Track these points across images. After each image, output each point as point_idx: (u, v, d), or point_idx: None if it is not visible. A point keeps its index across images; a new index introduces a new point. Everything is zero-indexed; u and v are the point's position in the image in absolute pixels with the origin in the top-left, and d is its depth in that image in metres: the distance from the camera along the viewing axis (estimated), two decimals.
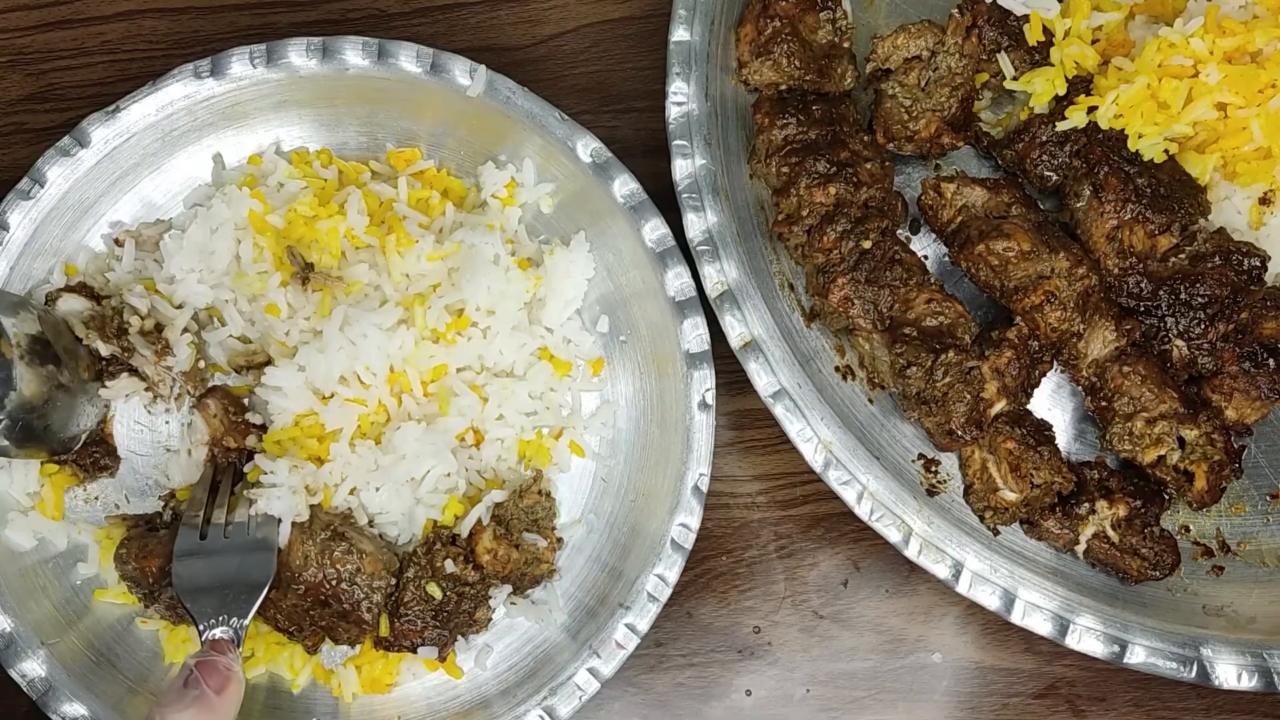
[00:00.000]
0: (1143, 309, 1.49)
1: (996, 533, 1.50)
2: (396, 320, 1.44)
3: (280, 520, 1.41)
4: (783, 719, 1.56)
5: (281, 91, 1.50)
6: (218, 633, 1.35)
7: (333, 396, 1.44)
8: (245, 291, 1.46)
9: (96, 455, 1.48)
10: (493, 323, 1.48)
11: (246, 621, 1.37)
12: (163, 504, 1.49)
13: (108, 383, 1.45)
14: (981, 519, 1.49)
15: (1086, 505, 1.48)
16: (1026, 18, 1.57)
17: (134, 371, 1.46)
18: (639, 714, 1.56)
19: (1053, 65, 1.56)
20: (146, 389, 1.47)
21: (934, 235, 1.58)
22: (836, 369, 1.53)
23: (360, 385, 1.44)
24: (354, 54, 1.47)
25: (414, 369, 1.45)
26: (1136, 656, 1.43)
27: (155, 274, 1.49)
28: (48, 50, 1.65)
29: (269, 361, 1.46)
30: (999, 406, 1.44)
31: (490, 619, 1.47)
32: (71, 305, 1.45)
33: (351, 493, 1.44)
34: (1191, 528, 1.55)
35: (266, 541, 1.41)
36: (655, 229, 1.46)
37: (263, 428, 1.47)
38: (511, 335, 1.48)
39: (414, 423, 1.44)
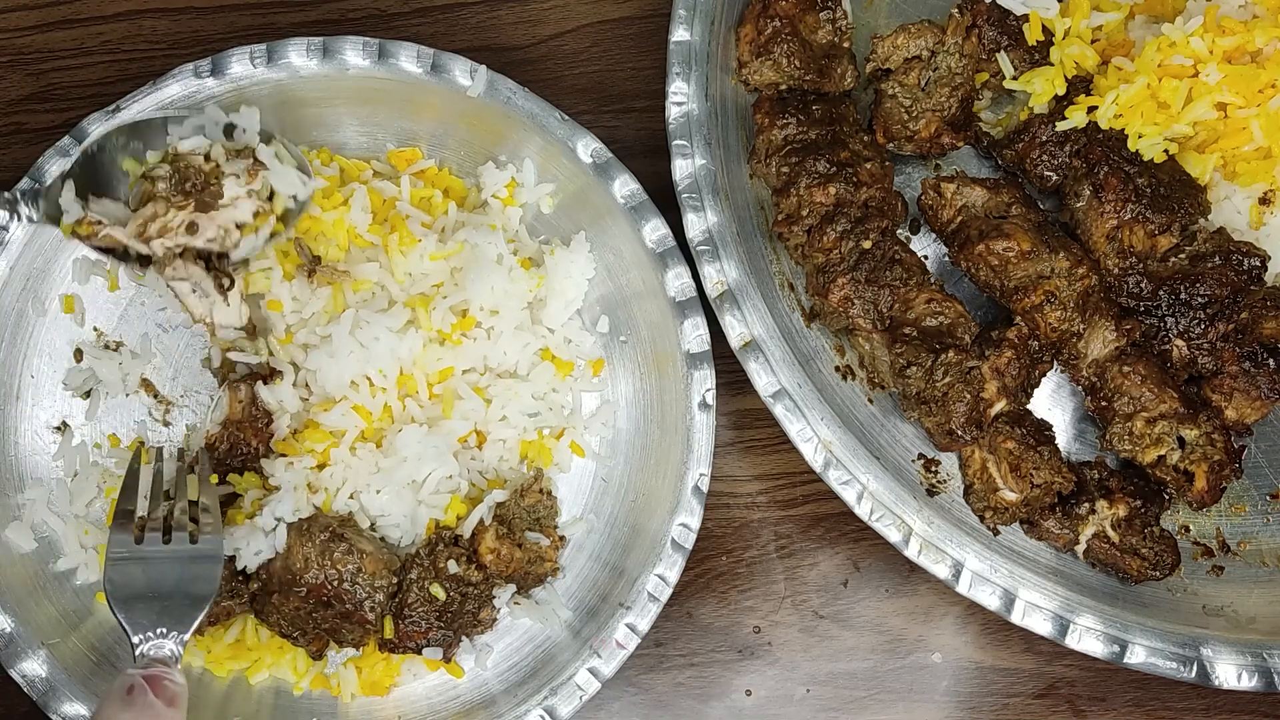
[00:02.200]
0: (1143, 309, 1.49)
1: (996, 533, 1.50)
2: (405, 322, 1.44)
3: (280, 522, 1.41)
4: (783, 719, 1.56)
5: (281, 91, 1.50)
6: (162, 647, 1.26)
7: (341, 400, 1.43)
8: (259, 286, 1.46)
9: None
10: (496, 323, 1.48)
11: (187, 637, 1.28)
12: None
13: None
14: (981, 519, 1.49)
15: (1086, 505, 1.48)
16: (1026, 17, 1.57)
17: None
18: (639, 714, 1.56)
19: (1052, 65, 1.56)
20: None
21: (934, 235, 1.58)
22: (836, 369, 1.53)
23: (370, 389, 1.44)
24: (354, 54, 1.47)
25: (420, 371, 1.45)
26: (1136, 656, 1.43)
27: None
28: (48, 50, 1.65)
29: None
30: (999, 406, 1.44)
31: (495, 619, 1.47)
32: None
33: (352, 496, 1.44)
34: (1191, 528, 1.55)
35: (210, 552, 1.33)
36: (655, 229, 1.47)
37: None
38: (515, 335, 1.49)
39: (416, 425, 1.44)
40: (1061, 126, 1.53)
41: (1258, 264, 1.47)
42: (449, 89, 1.48)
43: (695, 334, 1.45)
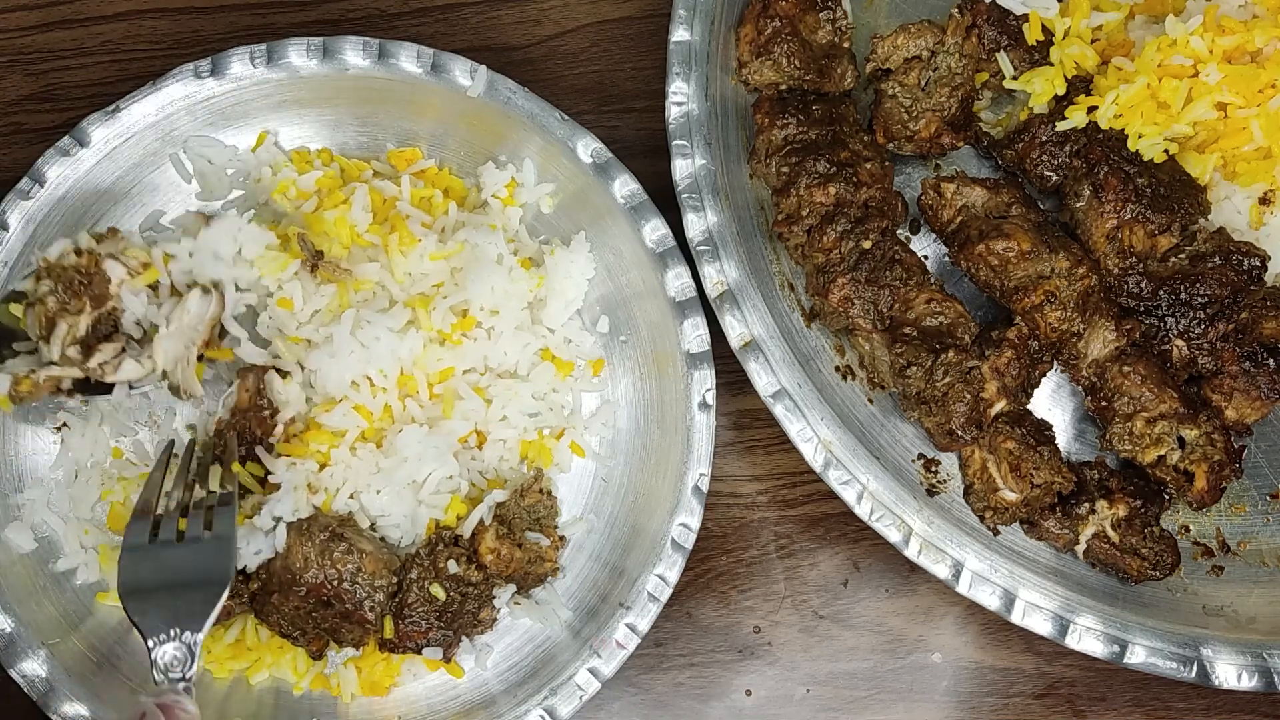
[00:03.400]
0: (1143, 309, 1.49)
1: (996, 533, 1.50)
2: (405, 321, 1.44)
3: (281, 519, 1.41)
4: (783, 719, 1.56)
5: (281, 91, 1.50)
6: (169, 650, 1.23)
7: (341, 400, 1.43)
8: (269, 272, 1.45)
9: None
10: (496, 323, 1.48)
11: (201, 636, 1.26)
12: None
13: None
14: (981, 519, 1.49)
15: (1086, 505, 1.48)
16: (1026, 17, 1.57)
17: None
18: (639, 714, 1.56)
19: (1052, 65, 1.56)
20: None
21: (934, 235, 1.58)
22: (836, 369, 1.53)
23: (371, 389, 1.44)
24: (354, 54, 1.47)
25: (421, 371, 1.45)
26: (1136, 656, 1.43)
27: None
28: (48, 50, 1.65)
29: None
30: (999, 406, 1.44)
31: (495, 619, 1.47)
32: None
33: (352, 496, 1.44)
34: (1191, 528, 1.55)
35: (223, 534, 1.29)
36: (655, 229, 1.47)
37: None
38: (515, 335, 1.49)
39: (416, 426, 1.44)
40: (1061, 126, 1.53)
41: (1258, 264, 1.47)
42: (449, 89, 1.48)
43: (695, 334, 1.45)
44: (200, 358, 1.41)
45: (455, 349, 1.46)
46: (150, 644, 1.25)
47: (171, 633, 1.25)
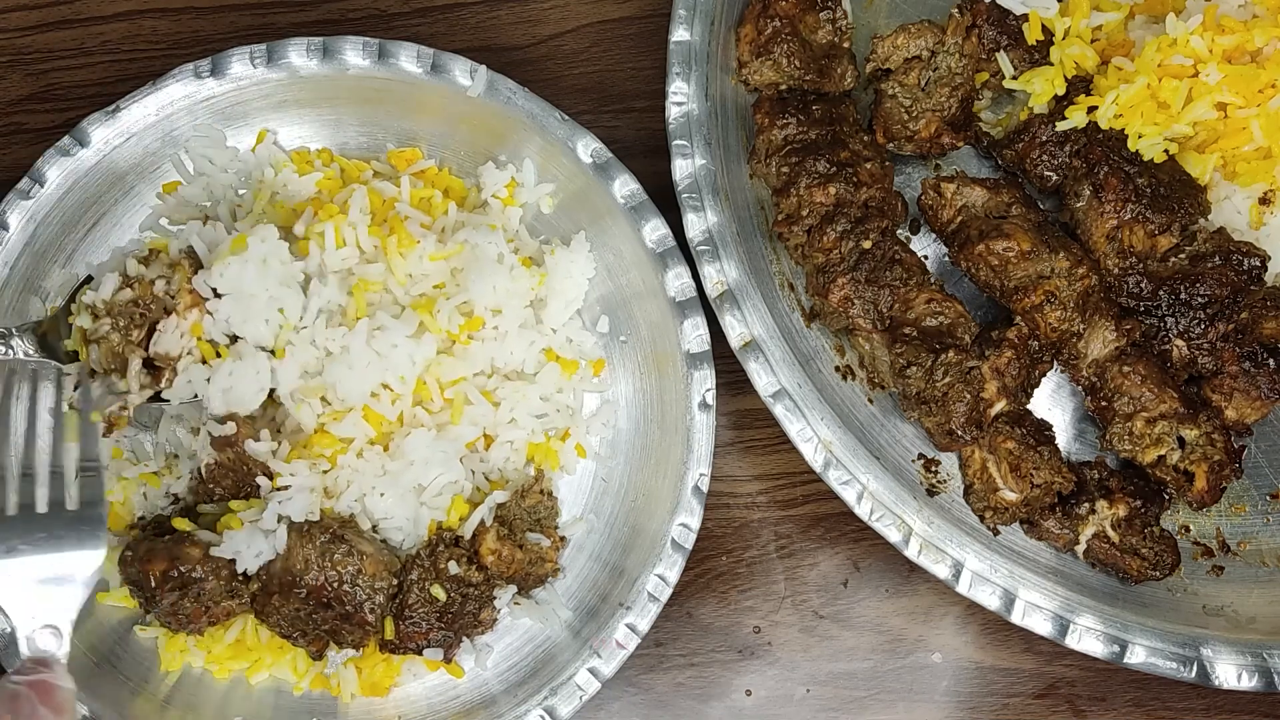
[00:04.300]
0: (1143, 309, 1.49)
1: (996, 533, 1.50)
2: (417, 325, 1.44)
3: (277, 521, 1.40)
4: (783, 719, 1.56)
5: (281, 91, 1.50)
6: (40, 641, 1.12)
7: (350, 411, 1.43)
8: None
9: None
10: (500, 322, 1.47)
11: (68, 629, 1.15)
12: (170, 502, 1.48)
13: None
14: (981, 519, 1.49)
15: (1086, 505, 1.48)
16: (1026, 17, 1.57)
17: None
18: (639, 714, 1.56)
19: (1052, 65, 1.56)
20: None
21: (934, 235, 1.58)
22: (836, 369, 1.53)
23: (389, 397, 1.42)
24: (354, 54, 1.47)
25: (433, 378, 1.44)
26: (1136, 656, 1.43)
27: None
28: (48, 50, 1.65)
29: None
30: (999, 406, 1.44)
31: (495, 619, 1.47)
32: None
33: (356, 499, 1.43)
34: (1191, 528, 1.55)
35: (93, 510, 1.17)
36: (655, 229, 1.47)
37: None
38: (520, 334, 1.48)
39: (424, 430, 1.43)
40: (1061, 126, 1.53)
41: (1258, 264, 1.47)
42: (449, 89, 1.48)
43: (695, 334, 1.46)
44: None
45: (465, 351, 1.46)
46: (15, 625, 1.15)
47: (37, 619, 1.15)
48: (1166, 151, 1.52)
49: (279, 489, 1.39)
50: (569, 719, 1.43)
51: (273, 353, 1.42)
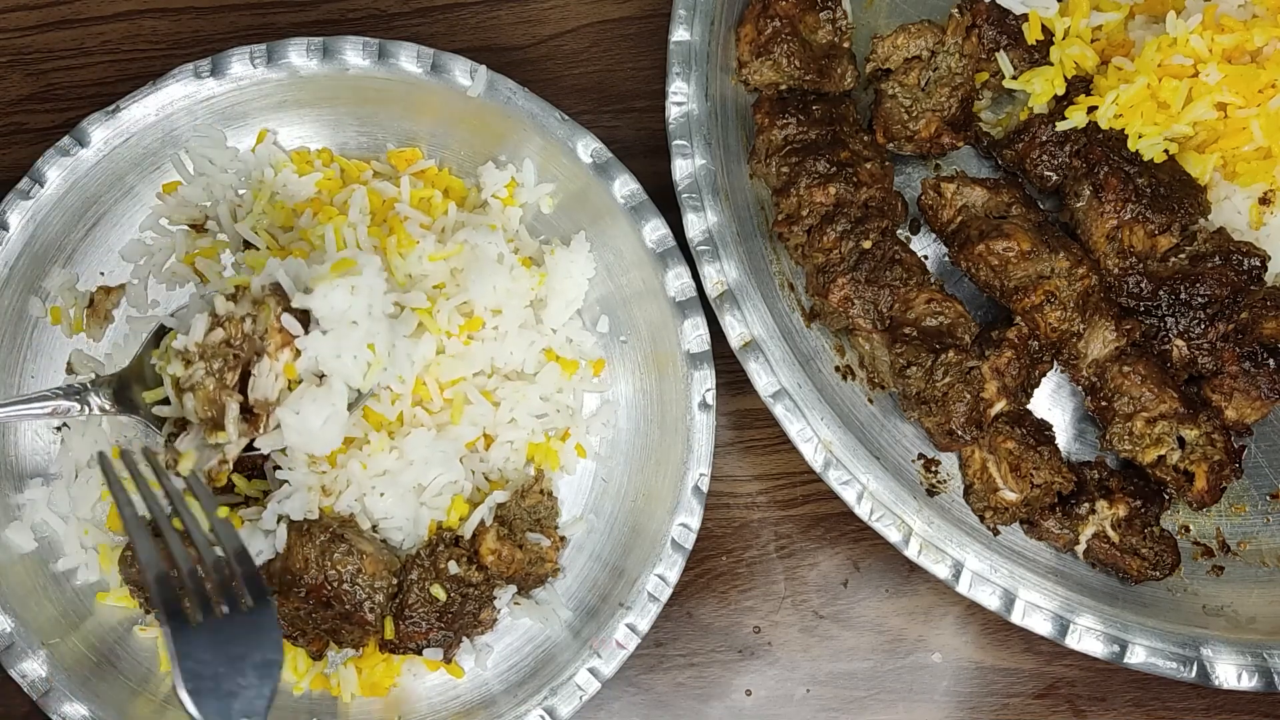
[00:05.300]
0: (1143, 309, 1.49)
1: (996, 533, 1.50)
2: (416, 325, 1.44)
3: (281, 520, 1.40)
4: (783, 719, 1.56)
5: (281, 91, 1.50)
6: None
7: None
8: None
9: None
10: (500, 322, 1.47)
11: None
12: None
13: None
14: (981, 519, 1.49)
15: (1086, 505, 1.48)
16: (1026, 17, 1.57)
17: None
18: (639, 714, 1.56)
19: (1052, 65, 1.56)
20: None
21: (934, 235, 1.58)
22: (836, 369, 1.53)
23: (389, 396, 1.43)
24: (354, 54, 1.47)
25: (433, 378, 1.44)
26: (1136, 656, 1.43)
27: None
28: (48, 50, 1.65)
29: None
30: (999, 406, 1.44)
31: (495, 619, 1.47)
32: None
33: (356, 499, 1.44)
34: (1191, 528, 1.55)
35: (261, 598, 1.14)
36: (655, 229, 1.47)
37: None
38: (520, 334, 1.48)
39: (424, 430, 1.43)
40: (1061, 126, 1.53)
41: (1258, 264, 1.47)
42: (449, 89, 1.48)
43: (695, 334, 1.45)
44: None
45: (465, 350, 1.46)
46: None
47: None
48: (1166, 151, 1.52)
49: (279, 486, 1.39)
50: (569, 719, 1.43)
51: (359, 392, 1.34)
